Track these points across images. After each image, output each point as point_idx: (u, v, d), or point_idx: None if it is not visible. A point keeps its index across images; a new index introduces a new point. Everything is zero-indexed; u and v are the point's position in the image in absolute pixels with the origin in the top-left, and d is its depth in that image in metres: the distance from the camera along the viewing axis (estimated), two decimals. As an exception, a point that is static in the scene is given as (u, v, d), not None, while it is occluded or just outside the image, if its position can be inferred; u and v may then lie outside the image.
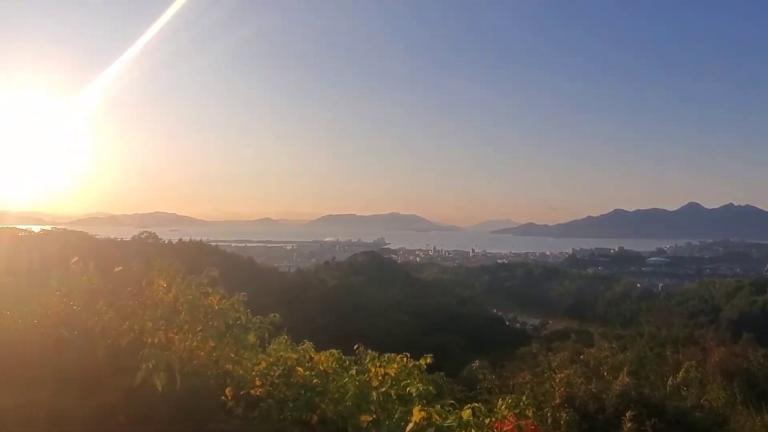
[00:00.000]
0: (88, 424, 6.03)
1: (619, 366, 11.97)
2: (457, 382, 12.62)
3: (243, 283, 9.25)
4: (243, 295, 8.13)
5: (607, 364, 12.28)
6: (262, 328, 7.85)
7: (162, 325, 7.33)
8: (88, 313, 8.16)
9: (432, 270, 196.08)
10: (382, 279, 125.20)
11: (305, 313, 67.28)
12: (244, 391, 6.83)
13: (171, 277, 7.86)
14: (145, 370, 5.88)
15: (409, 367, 7.90)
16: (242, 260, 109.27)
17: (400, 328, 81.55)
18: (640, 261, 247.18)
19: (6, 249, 34.16)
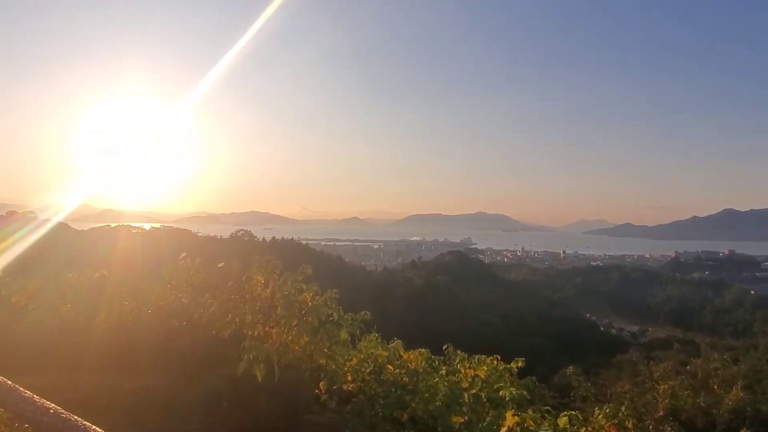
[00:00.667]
0: (196, 407, 6.49)
1: (731, 379, 10.99)
2: (549, 387, 12.20)
3: (332, 280, 9.51)
4: (335, 292, 8.37)
5: (717, 377, 11.30)
6: (353, 325, 8.05)
7: (260, 319, 7.74)
8: (195, 305, 8.79)
9: (521, 271, 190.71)
10: (468, 279, 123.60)
11: (391, 312, 68.01)
12: (337, 385, 7.03)
13: (268, 273, 8.26)
14: (246, 361, 6.22)
15: (500, 370, 7.75)
16: (331, 258, 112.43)
17: (488, 329, 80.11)
18: (754, 266, 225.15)
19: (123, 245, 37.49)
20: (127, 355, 8.38)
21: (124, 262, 14.73)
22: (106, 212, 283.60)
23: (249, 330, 7.55)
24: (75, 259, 24.79)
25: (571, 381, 12.08)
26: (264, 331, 7.65)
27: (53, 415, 1.91)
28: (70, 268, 12.72)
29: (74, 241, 53.15)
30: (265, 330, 7.72)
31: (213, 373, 7.11)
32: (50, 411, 1.93)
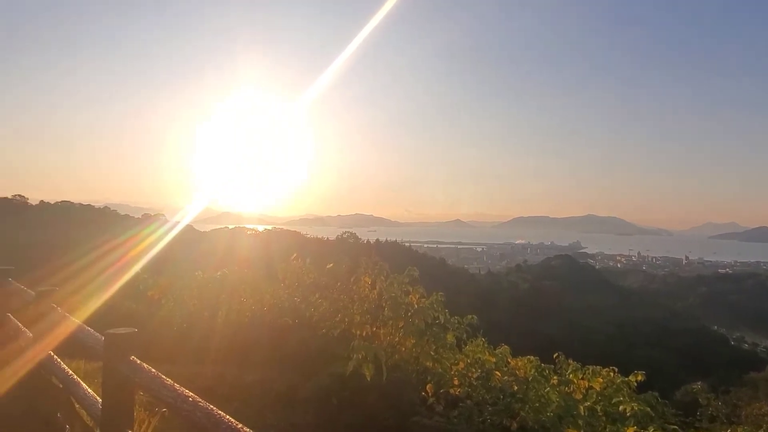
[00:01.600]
0: (308, 402, 6.75)
1: None
2: (670, 404, 11.27)
3: (435, 283, 9.45)
4: (441, 294, 8.34)
5: None
6: (459, 328, 7.96)
7: (368, 319, 7.90)
8: (306, 304, 9.19)
9: (636, 277, 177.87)
10: (578, 285, 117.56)
11: (495, 316, 66.46)
12: (444, 389, 6.97)
13: (375, 274, 8.42)
14: (355, 360, 6.36)
15: (617, 382, 7.27)
16: (434, 261, 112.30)
17: (600, 338, 75.65)
18: None
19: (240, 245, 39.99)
20: (245, 349, 8.96)
21: (241, 261, 15.80)
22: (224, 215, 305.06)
23: (357, 330, 7.73)
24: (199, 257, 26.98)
25: (698, 398, 11.06)
26: (372, 332, 7.80)
27: (192, 403, 2.06)
28: (195, 265, 13.87)
29: (198, 241, 57.91)
30: (372, 330, 7.86)
31: (324, 370, 7.37)
32: (189, 399, 2.09)
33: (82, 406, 3.62)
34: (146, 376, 2.57)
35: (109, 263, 14.77)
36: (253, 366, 8.49)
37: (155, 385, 2.42)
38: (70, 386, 3.82)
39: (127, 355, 2.80)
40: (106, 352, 2.92)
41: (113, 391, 2.86)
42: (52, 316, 4.57)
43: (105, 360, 2.95)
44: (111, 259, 15.91)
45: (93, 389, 3.84)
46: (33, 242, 61.48)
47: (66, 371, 4.07)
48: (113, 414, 2.86)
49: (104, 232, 55.31)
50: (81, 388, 3.71)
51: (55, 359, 4.38)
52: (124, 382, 2.81)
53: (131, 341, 2.88)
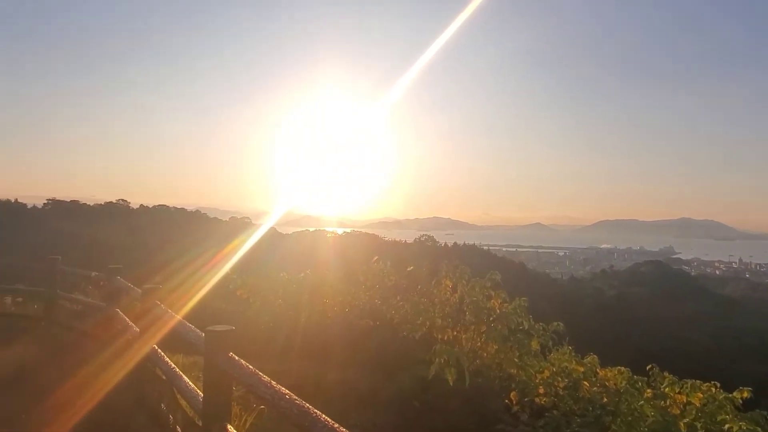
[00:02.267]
0: (390, 403, 6.79)
1: None
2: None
3: (514, 287, 9.20)
4: (524, 300, 8.12)
5: None
6: (545, 335, 7.71)
7: (449, 323, 7.84)
8: (388, 306, 9.28)
9: (738, 285, 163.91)
10: (670, 292, 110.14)
11: (579, 324, 63.60)
12: (528, 398, 6.77)
13: (456, 278, 8.35)
14: (437, 364, 6.34)
15: (720, 399, 6.72)
16: (513, 265, 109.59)
17: (696, 350, 70.44)
18: None
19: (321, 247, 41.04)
20: (327, 348, 9.17)
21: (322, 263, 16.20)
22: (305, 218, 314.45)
23: (439, 333, 7.69)
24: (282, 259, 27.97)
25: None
26: (453, 336, 7.73)
27: (289, 401, 2.13)
28: (279, 267, 14.39)
29: (280, 243, 60.10)
30: (453, 334, 7.79)
31: (405, 372, 7.39)
32: (286, 396, 2.16)
33: (184, 397, 3.86)
34: (244, 372, 2.69)
35: (201, 263, 15.64)
36: (335, 366, 8.67)
37: (253, 381, 2.53)
38: (173, 379, 4.09)
39: (226, 351, 2.96)
40: (206, 348, 3.09)
41: (213, 385, 3.03)
42: (156, 312, 4.91)
43: (206, 355, 3.13)
44: (203, 260, 16.84)
45: (192, 382, 4.09)
46: (134, 242, 66.50)
47: (169, 364, 4.36)
48: (214, 407, 3.03)
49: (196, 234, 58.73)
50: (183, 380, 3.95)
51: (159, 353, 4.71)
52: (223, 376, 2.96)
53: (230, 338, 3.03)
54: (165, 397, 4.45)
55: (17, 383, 5.81)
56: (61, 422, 4.48)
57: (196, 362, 7.15)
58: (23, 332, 8.70)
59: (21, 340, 8.09)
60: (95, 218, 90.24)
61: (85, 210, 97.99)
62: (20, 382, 5.83)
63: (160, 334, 4.76)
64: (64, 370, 6.05)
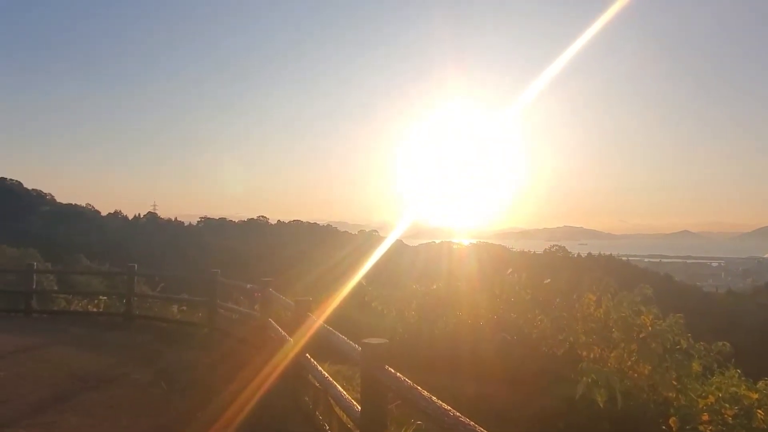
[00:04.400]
0: (533, 422, 6.52)
1: None
2: None
3: (660, 302, 8.35)
4: (680, 316, 7.40)
5: None
6: (708, 357, 6.95)
7: (595, 340, 7.36)
8: (525, 320, 8.95)
9: None
10: None
11: (740, 344, 56.25)
12: (690, 425, 6.12)
13: (601, 292, 7.83)
14: (584, 384, 5.98)
15: None
16: (658, 277, 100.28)
17: None
18: None
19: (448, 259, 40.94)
20: (461, 362, 9.06)
21: (451, 275, 16.11)
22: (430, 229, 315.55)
23: (583, 351, 7.26)
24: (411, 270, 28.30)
25: None
26: (599, 354, 7.25)
27: (453, 417, 2.13)
28: (408, 278, 14.56)
29: (407, 255, 60.96)
30: (599, 352, 7.31)
31: (547, 390, 7.06)
32: (450, 413, 2.16)
33: (339, 405, 4.04)
34: (403, 385, 2.75)
35: (334, 275, 16.37)
36: (470, 379, 8.52)
37: (413, 394, 2.57)
38: (327, 387, 4.31)
39: (382, 363, 3.05)
40: (363, 360, 3.21)
41: (371, 396, 3.13)
42: (308, 322, 5.23)
43: (363, 367, 3.25)
44: (336, 271, 17.61)
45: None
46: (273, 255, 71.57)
47: (323, 373, 4.60)
48: (372, 418, 3.13)
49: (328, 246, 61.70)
50: (337, 389, 4.15)
51: (312, 361, 4.99)
52: (381, 388, 3.05)
53: (385, 351, 3.12)
54: (320, 404, 4.70)
55: (190, 384, 6.52)
56: (227, 420, 4.95)
57: (339, 371, 7.47)
58: (190, 337, 9.74)
59: (189, 345, 9.07)
60: (240, 233, 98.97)
61: (232, 226, 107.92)
62: (193, 384, 6.53)
63: (311, 342, 5.05)
64: (227, 373, 6.68)
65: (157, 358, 8.08)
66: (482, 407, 7.59)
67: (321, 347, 5.15)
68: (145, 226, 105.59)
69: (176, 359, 7.98)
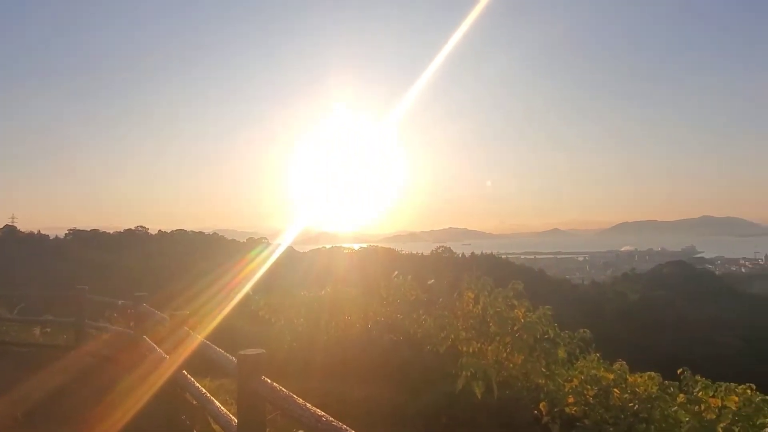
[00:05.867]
0: (417, 419, 6.74)
1: None
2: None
3: (534, 295, 9.12)
4: (548, 308, 8.04)
5: None
6: (571, 343, 7.62)
7: (474, 335, 7.78)
8: (410, 321, 9.25)
9: (765, 283, 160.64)
10: (695, 293, 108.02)
11: (603, 329, 62.48)
12: (558, 407, 6.67)
13: (479, 289, 8.30)
14: (464, 378, 6.28)
15: (757, 401, 6.56)
16: (533, 272, 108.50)
17: (727, 352, 68.73)
18: None
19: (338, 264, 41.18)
20: (350, 365, 9.15)
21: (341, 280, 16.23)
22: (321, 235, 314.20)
23: (463, 346, 7.64)
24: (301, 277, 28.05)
25: None
26: (478, 348, 7.66)
27: (326, 423, 2.14)
28: (299, 285, 14.44)
29: (298, 262, 60.34)
30: (479, 347, 7.73)
31: (431, 387, 7.34)
32: (322, 418, 2.17)
33: (217, 423, 3.88)
34: (279, 395, 2.71)
35: (221, 286, 15.75)
36: (359, 382, 8.63)
37: (288, 403, 2.54)
38: (205, 403, 4.12)
39: (259, 375, 2.98)
40: (239, 372, 3.12)
41: (248, 410, 3.05)
42: (183, 336, 4.96)
43: (239, 380, 3.15)
44: (222, 282, 16.95)
45: (221, 406, 4.11)
46: (154, 268, 67.24)
47: (199, 389, 4.39)
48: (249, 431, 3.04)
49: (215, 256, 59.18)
50: (215, 405, 3.98)
51: (189, 378, 4.75)
52: (258, 400, 2.98)
53: (262, 362, 3.06)
54: (197, 422, 4.48)
55: (47, 410, 5.90)
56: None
57: (222, 385, 7.19)
58: (53, 362, 8.85)
59: (51, 370, 8.23)
60: (116, 246, 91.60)
61: (106, 238, 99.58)
62: (55, 413, 5.92)
63: (188, 358, 4.80)
64: (94, 399, 6.14)
65: (14, 387, 7.24)
66: (371, 408, 7.72)
67: (202, 362, 4.92)
68: (3, 240, 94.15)
69: (36, 387, 7.20)
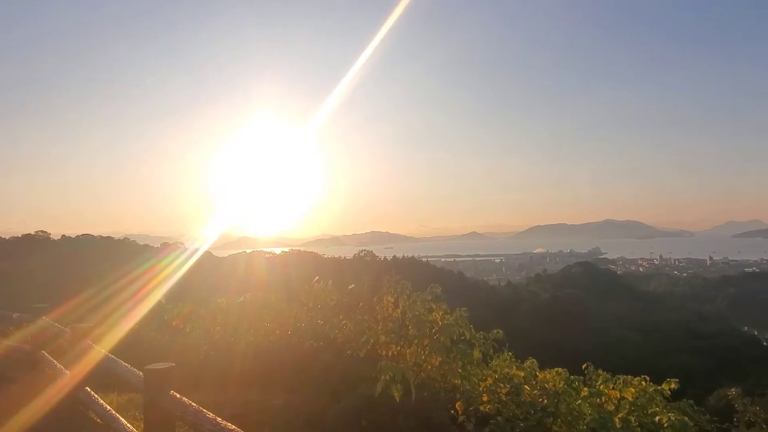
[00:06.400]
0: (337, 424, 6.73)
1: None
2: (705, 411, 11.08)
3: (454, 297, 9.43)
4: (464, 310, 8.30)
5: None
6: (486, 343, 7.90)
7: (393, 339, 7.89)
8: (330, 326, 9.21)
9: (660, 281, 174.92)
10: (600, 291, 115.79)
11: (518, 328, 65.56)
12: (473, 406, 6.90)
13: (398, 293, 8.42)
14: (383, 381, 6.34)
15: (650, 391, 7.13)
16: (452, 274, 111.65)
17: (626, 346, 74.22)
18: None
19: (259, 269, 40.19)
20: (270, 373, 8.99)
21: (261, 286, 15.92)
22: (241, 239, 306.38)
23: (383, 350, 7.72)
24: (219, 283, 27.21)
25: (734, 404, 10.79)
26: (397, 351, 7.77)
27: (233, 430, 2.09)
28: (216, 292, 14.01)
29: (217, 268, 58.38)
30: (398, 350, 7.84)
31: (351, 392, 7.35)
32: (230, 429, 2.12)
33: (123, 441, 3.68)
34: (188, 410, 2.61)
35: (131, 294, 14.96)
36: (279, 390, 8.50)
37: (198, 418, 2.46)
38: (110, 421, 3.89)
39: (167, 389, 2.85)
40: (146, 388, 2.97)
41: (156, 427, 2.91)
42: (86, 350, 4.66)
43: (145, 395, 3.01)
44: (133, 290, 16.11)
45: (129, 422, 3.90)
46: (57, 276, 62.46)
47: (104, 406, 4.14)
48: (156, 448, 2.91)
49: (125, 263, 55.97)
50: (120, 423, 3.77)
51: (92, 395, 4.46)
52: (166, 417, 2.85)
53: (171, 376, 2.93)
54: (101, 442, 4.22)
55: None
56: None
57: (131, 400, 6.81)
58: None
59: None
60: (13, 252, 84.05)
61: (0, 244, 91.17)
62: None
63: (90, 374, 4.51)
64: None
65: None
66: (290, 416, 7.61)
67: (109, 377, 4.64)
68: None
69: None
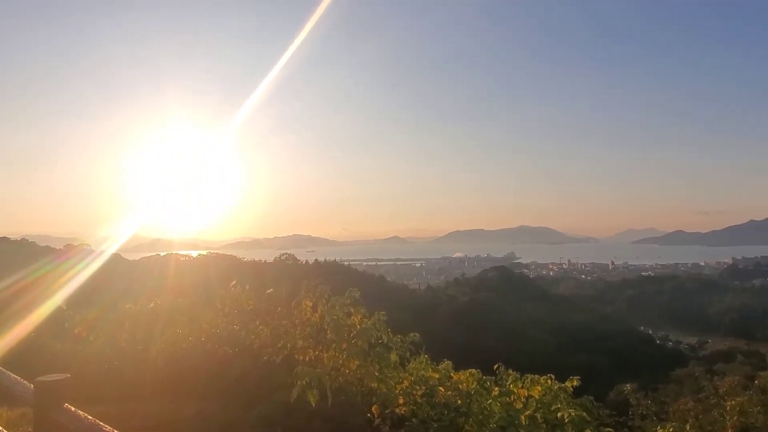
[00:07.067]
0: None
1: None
2: (605, 406, 11.89)
3: (375, 300, 9.53)
4: (383, 314, 8.38)
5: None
6: (402, 347, 8.03)
7: (311, 344, 7.82)
8: (247, 331, 8.99)
9: (568, 284, 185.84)
10: (514, 294, 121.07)
11: (437, 330, 67.12)
12: (389, 409, 6.98)
13: (317, 297, 8.37)
14: (299, 387, 6.27)
15: (555, 389, 7.54)
16: (374, 278, 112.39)
17: (537, 346, 78.07)
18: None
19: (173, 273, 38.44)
20: (183, 382, 8.63)
21: (175, 290, 15.22)
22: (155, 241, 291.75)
23: (300, 355, 7.63)
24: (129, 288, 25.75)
25: (629, 398, 11.65)
26: (315, 356, 7.71)
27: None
28: (125, 298, 13.24)
29: (127, 271, 55.09)
30: (315, 354, 7.78)
31: (267, 398, 7.22)
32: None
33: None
34: (83, 424, 2.45)
35: (26, 300, 13.84)
36: (192, 399, 8.18)
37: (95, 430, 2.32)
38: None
39: (60, 402, 2.66)
40: (36, 401, 2.75)
41: (46, 442, 2.71)
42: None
43: (36, 409, 2.78)
44: (29, 296, 14.91)
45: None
46: (-61, 280, 56.45)
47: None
48: (47, 466, 2.70)
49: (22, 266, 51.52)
50: (7, 440, 3.46)
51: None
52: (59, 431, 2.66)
53: (65, 388, 2.73)
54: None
55: None
56: None
57: (25, 414, 6.29)
58: None
59: None
60: None
61: None
62: None
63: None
64: None
65: None
66: (203, 426, 7.36)
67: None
68: None
69: None
